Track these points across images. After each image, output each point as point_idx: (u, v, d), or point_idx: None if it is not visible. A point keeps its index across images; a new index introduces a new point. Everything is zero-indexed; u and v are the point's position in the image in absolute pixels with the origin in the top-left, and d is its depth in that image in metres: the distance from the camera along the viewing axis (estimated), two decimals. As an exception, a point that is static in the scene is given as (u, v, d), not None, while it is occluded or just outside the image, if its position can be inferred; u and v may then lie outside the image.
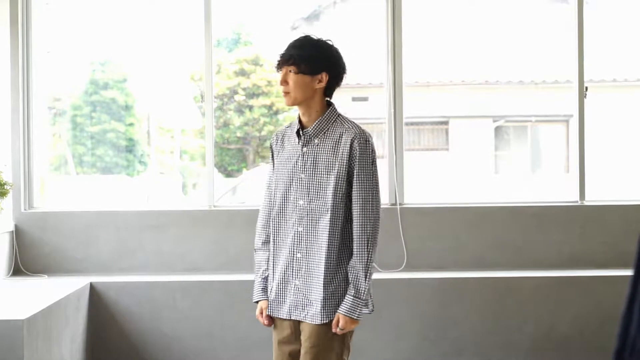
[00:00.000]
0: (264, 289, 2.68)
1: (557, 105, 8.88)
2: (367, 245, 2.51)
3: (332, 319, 2.55)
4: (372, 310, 2.62)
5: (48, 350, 3.50)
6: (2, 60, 4.46)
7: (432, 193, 7.01)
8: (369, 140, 2.57)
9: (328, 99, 2.66)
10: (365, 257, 2.51)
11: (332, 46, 2.63)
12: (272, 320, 2.69)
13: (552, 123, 9.48)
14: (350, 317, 2.52)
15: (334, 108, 2.64)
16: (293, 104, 2.60)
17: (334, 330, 2.55)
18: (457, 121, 9.39)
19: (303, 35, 2.63)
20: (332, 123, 2.61)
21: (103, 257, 4.50)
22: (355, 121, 2.66)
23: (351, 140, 2.55)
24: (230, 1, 7.37)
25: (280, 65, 2.61)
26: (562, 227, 4.56)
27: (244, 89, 8.65)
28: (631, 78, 9.03)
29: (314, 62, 2.57)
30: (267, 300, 2.67)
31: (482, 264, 4.53)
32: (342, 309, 2.53)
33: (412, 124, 8.90)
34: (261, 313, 2.69)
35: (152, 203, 7.15)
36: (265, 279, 2.68)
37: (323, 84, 2.59)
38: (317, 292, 2.56)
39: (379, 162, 2.69)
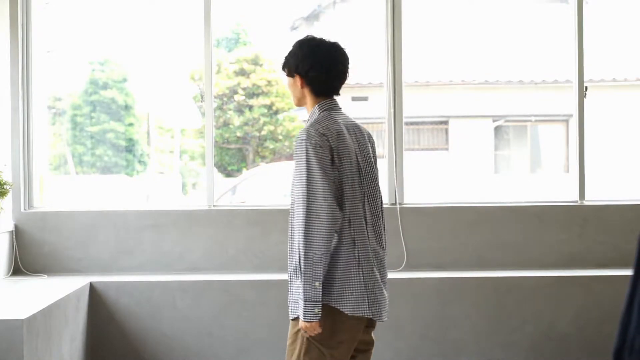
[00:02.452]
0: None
1: (557, 105, 8.89)
2: (299, 243, 2.41)
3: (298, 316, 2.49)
4: (315, 315, 2.38)
5: (48, 350, 3.50)
6: (2, 60, 4.45)
7: (431, 193, 7.02)
8: (304, 140, 2.44)
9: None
10: (297, 256, 2.42)
11: (302, 45, 2.59)
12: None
13: (551, 123, 9.49)
14: (300, 317, 2.44)
15: (316, 109, 2.57)
16: (295, 105, 2.67)
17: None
18: (457, 121, 9.40)
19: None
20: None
21: (103, 256, 4.50)
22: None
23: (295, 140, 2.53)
24: (230, 1, 7.38)
25: None
26: (562, 227, 4.56)
27: (243, 89, 8.66)
28: (631, 78, 9.04)
29: (287, 65, 2.63)
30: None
31: (482, 264, 4.53)
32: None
33: (412, 123, 8.91)
34: None
35: (151, 203, 7.16)
36: None
37: (301, 85, 2.59)
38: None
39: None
